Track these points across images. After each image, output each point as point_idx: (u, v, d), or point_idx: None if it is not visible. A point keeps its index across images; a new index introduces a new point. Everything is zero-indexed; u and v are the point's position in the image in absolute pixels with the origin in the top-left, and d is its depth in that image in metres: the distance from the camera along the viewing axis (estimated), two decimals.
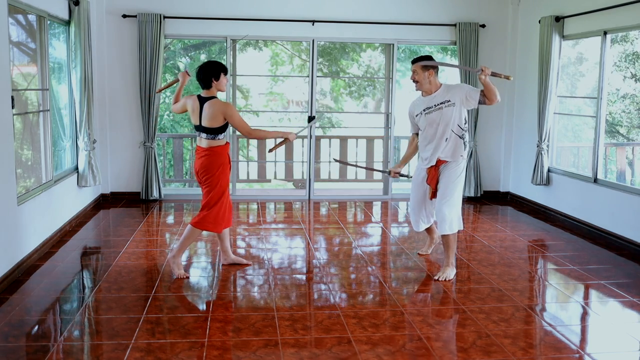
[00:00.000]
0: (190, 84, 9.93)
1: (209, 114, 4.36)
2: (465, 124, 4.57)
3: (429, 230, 5.12)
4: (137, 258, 5.00)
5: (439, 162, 4.61)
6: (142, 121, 7.13)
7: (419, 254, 5.26)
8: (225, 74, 4.47)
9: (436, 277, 4.59)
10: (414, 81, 4.58)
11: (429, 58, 4.56)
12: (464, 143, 4.57)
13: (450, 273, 4.63)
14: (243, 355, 3.27)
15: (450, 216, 4.56)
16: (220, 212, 4.51)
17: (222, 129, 4.41)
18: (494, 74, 4.41)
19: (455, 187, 4.60)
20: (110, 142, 7.26)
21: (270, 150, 5.04)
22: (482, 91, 4.43)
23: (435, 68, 4.56)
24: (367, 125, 10.92)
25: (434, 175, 4.64)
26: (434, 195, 4.68)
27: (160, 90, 5.59)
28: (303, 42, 10.35)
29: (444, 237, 4.64)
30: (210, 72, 4.39)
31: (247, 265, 4.84)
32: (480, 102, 4.48)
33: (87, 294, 4.26)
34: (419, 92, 4.66)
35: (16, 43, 5.20)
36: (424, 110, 4.61)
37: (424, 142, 4.69)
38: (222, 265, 4.83)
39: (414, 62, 4.55)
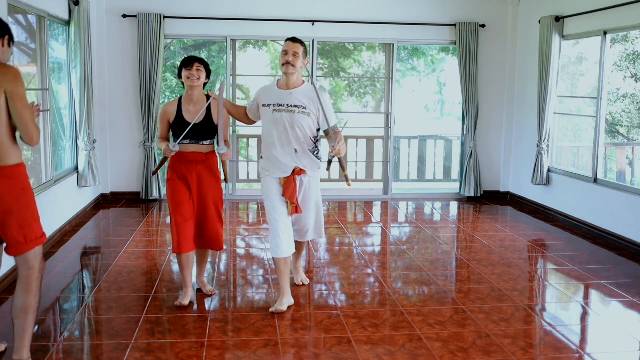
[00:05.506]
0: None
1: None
2: (317, 141, 3.91)
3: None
4: (137, 258, 5.01)
5: (300, 172, 3.83)
6: (142, 121, 7.13)
7: (296, 285, 4.34)
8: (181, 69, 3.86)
9: (272, 310, 3.85)
10: (289, 63, 3.74)
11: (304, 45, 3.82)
12: (317, 157, 3.90)
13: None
14: (243, 355, 3.27)
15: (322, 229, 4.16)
16: (174, 231, 3.89)
17: None
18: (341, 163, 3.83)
19: (320, 200, 4.09)
20: (110, 142, 7.26)
21: (154, 173, 4.08)
22: (327, 132, 3.82)
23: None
24: (367, 125, 10.90)
25: (289, 185, 3.79)
26: (295, 210, 3.84)
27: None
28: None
29: (301, 248, 4.26)
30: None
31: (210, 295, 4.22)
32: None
33: (87, 294, 4.26)
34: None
35: (16, 43, 5.19)
36: (273, 104, 3.80)
37: (269, 141, 3.83)
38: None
39: (295, 40, 3.79)
